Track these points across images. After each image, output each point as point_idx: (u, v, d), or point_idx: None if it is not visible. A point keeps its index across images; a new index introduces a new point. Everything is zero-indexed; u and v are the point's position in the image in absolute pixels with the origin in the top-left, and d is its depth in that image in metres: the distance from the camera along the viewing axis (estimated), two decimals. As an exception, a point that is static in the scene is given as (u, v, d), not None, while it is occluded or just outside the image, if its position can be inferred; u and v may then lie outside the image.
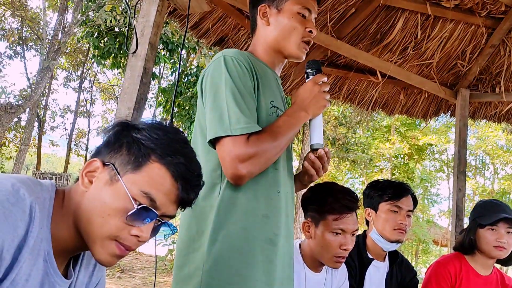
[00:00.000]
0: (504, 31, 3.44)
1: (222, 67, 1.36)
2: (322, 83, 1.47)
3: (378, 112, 4.26)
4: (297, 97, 1.46)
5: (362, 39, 3.52)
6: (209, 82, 1.40)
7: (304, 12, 1.53)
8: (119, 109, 2.14)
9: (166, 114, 12.86)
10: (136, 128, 1.01)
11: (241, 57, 1.40)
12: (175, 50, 11.90)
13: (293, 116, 1.41)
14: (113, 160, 0.98)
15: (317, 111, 1.46)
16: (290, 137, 1.39)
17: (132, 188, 0.95)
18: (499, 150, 23.03)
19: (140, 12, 2.27)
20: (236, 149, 1.28)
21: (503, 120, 4.14)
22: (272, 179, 1.41)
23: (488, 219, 2.23)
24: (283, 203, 1.44)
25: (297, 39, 1.52)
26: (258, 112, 1.39)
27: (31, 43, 17.13)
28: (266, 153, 1.31)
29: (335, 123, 16.06)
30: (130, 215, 0.94)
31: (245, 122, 1.30)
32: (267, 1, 1.57)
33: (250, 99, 1.35)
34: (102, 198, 0.96)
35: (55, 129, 21.69)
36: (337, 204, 1.77)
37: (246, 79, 1.37)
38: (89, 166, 1.00)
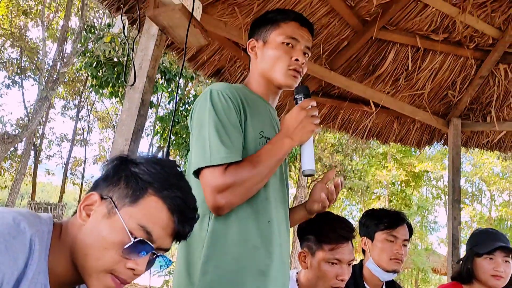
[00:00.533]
0: (492, 63, 3.54)
1: (208, 101, 1.39)
2: (311, 107, 1.44)
3: (372, 140, 4.32)
4: (283, 124, 1.44)
5: (355, 70, 3.61)
6: (195, 116, 1.43)
7: (290, 42, 1.54)
8: (117, 140, 2.18)
9: (163, 143, 12.90)
10: (134, 163, 1.04)
11: (227, 90, 1.42)
12: (173, 79, 12.03)
13: (276, 144, 1.40)
14: (111, 193, 1.01)
15: (304, 137, 1.43)
16: (273, 165, 1.38)
17: (129, 221, 0.97)
18: (495, 177, 23.04)
19: (138, 45, 2.33)
20: (214, 179, 1.29)
21: (496, 149, 4.20)
22: (262, 209, 1.39)
23: (484, 248, 2.24)
24: (276, 233, 1.42)
25: (283, 68, 1.53)
26: (246, 143, 1.40)
27: (30, 73, 17.30)
28: (245, 183, 1.31)
29: (331, 151, 16.11)
30: (126, 248, 0.95)
31: (225, 152, 1.31)
32: (255, 36, 1.62)
33: (234, 131, 1.36)
34: (99, 231, 0.97)
35: (51, 157, 21.66)
36: (333, 234, 1.77)
37: (230, 111, 1.38)
38: (87, 200, 1.02)
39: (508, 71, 3.63)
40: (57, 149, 23.24)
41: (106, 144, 24.14)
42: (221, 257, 1.32)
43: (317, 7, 3.12)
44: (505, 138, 4.12)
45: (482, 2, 3.21)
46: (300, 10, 3.05)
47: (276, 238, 1.42)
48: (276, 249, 1.41)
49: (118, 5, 2.62)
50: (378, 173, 20.23)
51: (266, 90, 1.59)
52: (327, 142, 15.86)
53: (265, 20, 1.62)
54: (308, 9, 3.09)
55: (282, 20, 1.58)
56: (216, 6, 2.85)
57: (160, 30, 2.28)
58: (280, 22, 1.58)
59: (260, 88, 1.59)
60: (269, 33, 1.58)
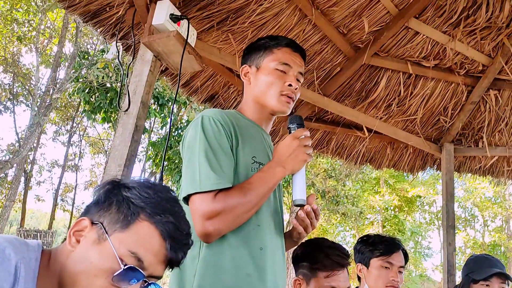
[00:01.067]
0: (483, 89, 3.59)
1: (199, 127, 1.39)
2: (304, 137, 1.44)
3: (366, 166, 4.32)
4: (276, 152, 1.44)
5: (348, 96, 3.65)
6: (186, 143, 1.43)
7: (283, 68, 1.55)
8: (109, 166, 2.15)
9: (156, 168, 12.83)
10: (126, 187, 1.02)
11: (219, 116, 1.41)
12: (166, 104, 12.08)
13: (268, 172, 1.38)
14: (102, 219, 0.98)
15: (296, 166, 1.42)
16: (264, 193, 1.36)
17: (119, 247, 0.94)
18: (488, 202, 23.12)
19: (133, 71, 2.34)
20: (203, 205, 1.27)
21: (488, 174, 4.22)
22: (254, 235, 1.37)
23: (481, 274, 2.23)
24: (269, 261, 1.39)
25: (276, 94, 1.53)
26: (238, 169, 1.39)
27: (22, 98, 17.27)
28: (234, 210, 1.29)
29: (324, 176, 16.10)
30: (116, 275, 0.92)
31: (215, 179, 1.29)
32: (248, 62, 1.64)
33: (224, 157, 1.35)
34: (88, 258, 0.94)
35: (42, 183, 21.39)
36: (328, 261, 1.75)
37: (221, 137, 1.37)
38: (77, 225, 0.99)
39: (498, 97, 3.69)
40: (48, 175, 22.99)
41: (98, 170, 23.94)
42: (213, 286, 1.29)
43: (310, 34, 3.18)
44: (497, 163, 4.15)
45: (472, 30, 3.29)
46: (293, 37, 3.10)
47: (270, 265, 1.39)
48: (269, 277, 1.38)
49: (113, 32, 2.65)
50: (371, 199, 20.22)
51: (260, 116, 1.59)
52: (320, 167, 15.86)
53: (257, 47, 1.63)
54: (301, 36, 3.14)
55: (275, 46, 1.60)
56: (210, 32, 2.88)
57: (154, 56, 2.30)
58: (273, 48, 1.59)
59: (254, 113, 1.58)
60: (262, 59, 1.59)
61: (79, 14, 2.53)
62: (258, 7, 2.84)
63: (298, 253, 1.86)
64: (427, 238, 25.14)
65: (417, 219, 24.94)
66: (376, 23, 3.23)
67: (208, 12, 2.75)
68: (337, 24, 3.19)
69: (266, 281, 1.36)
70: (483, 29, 3.30)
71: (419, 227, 23.51)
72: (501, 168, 4.17)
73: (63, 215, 26.79)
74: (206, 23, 2.82)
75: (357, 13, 3.14)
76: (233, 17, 2.86)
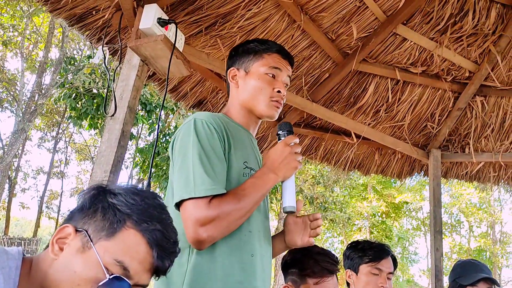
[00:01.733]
0: (469, 95, 3.63)
1: (191, 130, 1.36)
2: (294, 144, 1.44)
3: (354, 172, 4.33)
4: (267, 159, 1.43)
5: (336, 102, 3.65)
6: (178, 145, 1.39)
7: (273, 72, 1.55)
8: (95, 172, 2.11)
9: (143, 175, 12.72)
10: (112, 193, 0.99)
11: (211, 120, 1.39)
12: (153, 111, 12.01)
13: (261, 178, 1.37)
14: (86, 226, 0.95)
15: (288, 173, 1.42)
16: (257, 200, 1.35)
17: (105, 256, 0.91)
18: (473, 208, 23.39)
19: (120, 75, 2.30)
20: (197, 211, 1.24)
21: (474, 180, 4.26)
22: (246, 242, 1.35)
23: (468, 279, 2.24)
24: (259, 268, 1.38)
25: (266, 99, 1.53)
26: (229, 174, 1.37)
27: (7, 104, 17.03)
28: (228, 216, 1.26)
29: (312, 182, 16.13)
30: (101, 285, 0.89)
31: (210, 184, 1.27)
32: (237, 65, 1.62)
33: (218, 162, 1.33)
34: (72, 267, 0.91)
35: (26, 190, 21.07)
36: (317, 267, 1.73)
37: (215, 141, 1.35)
38: (60, 232, 0.96)
39: (484, 103, 3.73)
40: (33, 182, 22.66)
41: (84, 177, 23.68)
42: None
43: (299, 39, 3.17)
44: (483, 169, 4.19)
45: (459, 36, 3.32)
46: (282, 42, 3.09)
47: (260, 272, 1.38)
48: (259, 284, 1.36)
49: (99, 36, 2.61)
50: (359, 205, 20.31)
51: (247, 120, 1.57)
52: (308, 173, 15.90)
53: (246, 50, 1.61)
54: (290, 41, 3.14)
55: (265, 51, 1.59)
56: (198, 37, 2.86)
57: (141, 61, 2.27)
58: (263, 53, 1.59)
59: (241, 117, 1.57)
60: (251, 64, 1.58)
61: (64, 17, 2.50)
62: (246, 12, 2.83)
63: (287, 259, 1.84)
64: (414, 243, 25.34)
65: (404, 225, 25.12)
66: (365, 29, 3.24)
67: (196, 17, 2.73)
68: (326, 30, 3.19)
69: (257, 287, 1.35)
70: (470, 35, 3.33)
71: (406, 232, 23.68)
72: (487, 173, 4.20)
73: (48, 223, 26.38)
74: (194, 28, 2.80)
75: (345, 19, 3.15)
76: (221, 22, 2.85)
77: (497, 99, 3.74)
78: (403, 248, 23.90)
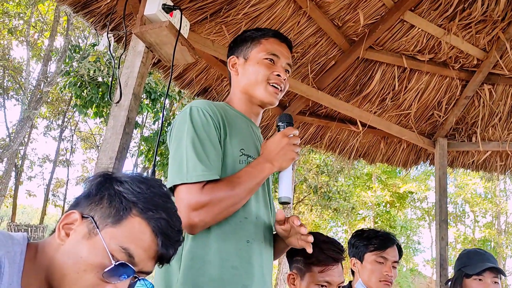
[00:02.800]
0: (477, 83, 3.59)
1: (187, 118, 1.38)
2: (293, 136, 1.45)
3: (359, 160, 4.31)
4: (264, 148, 1.45)
5: (342, 90, 3.62)
6: (174, 133, 1.42)
7: (272, 57, 1.57)
8: (101, 158, 2.11)
9: (148, 163, 12.76)
10: (119, 181, 0.99)
11: (207, 107, 1.41)
12: (158, 99, 11.99)
13: (256, 168, 1.39)
14: (92, 212, 0.96)
15: (284, 164, 1.43)
16: (252, 188, 1.36)
17: (110, 243, 0.92)
18: (478, 198, 23.35)
19: (124, 63, 2.29)
20: (189, 196, 1.27)
21: (481, 169, 4.23)
22: (241, 228, 1.36)
23: (474, 269, 2.23)
24: (256, 254, 1.39)
25: (264, 83, 1.54)
26: (225, 160, 1.38)
27: (12, 92, 17.08)
28: (221, 203, 1.28)
29: (317, 171, 16.12)
30: (106, 271, 0.90)
31: (202, 170, 1.29)
32: (236, 53, 1.64)
33: (212, 148, 1.34)
34: (78, 252, 0.92)
35: (33, 179, 21.21)
36: (322, 256, 1.73)
37: (210, 128, 1.37)
38: (66, 218, 0.96)
39: (492, 92, 3.68)
40: (39, 170, 22.82)
41: (90, 165, 23.79)
42: (198, 278, 1.28)
43: (305, 26, 3.14)
44: (490, 158, 4.16)
45: (467, 23, 3.27)
46: (287, 29, 3.07)
47: (257, 258, 1.39)
48: (256, 269, 1.37)
49: (104, 23, 2.60)
50: (363, 194, 20.31)
51: (248, 107, 1.59)
52: (312, 162, 15.89)
53: (245, 38, 1.64)
54: (295, 28, 3.11)
55: (262, 37, 1.62)
56: (203, 24, 2.84)
57: (146, 48, 2.25)
58: (260, 38, 1.61)
59: (242, 105, 1.59)
60: (250, 50, 1.60)
61: (69, 4, 2.47)
62: (252, -2, 2.80)
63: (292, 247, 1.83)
64: (418, 233, 25.35)
65: (408, 215, 25.13)
66: (371, 16, 3.20)
67: (201, 3, 2.71)
68: (332, 16, 3.16)
69: (253, 274, 1.36)
70: (478, 22, 3.28)
71: (411, 222, 23.69)
72: (494, 163, 4.17)
73: (54, 211, 26.62)
74: (199, 14, 2.77)
75: (352, 5, 3.11)
76: (226, 8, 2.82)
77: (505, 87, 3.69)
78: (407, 238, 23.93)
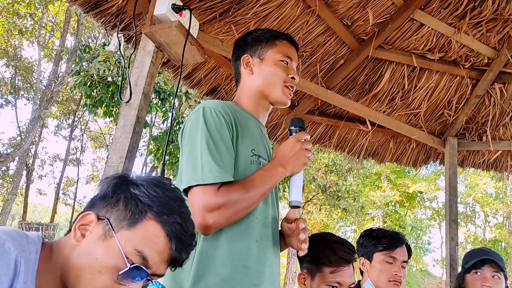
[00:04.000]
0: (488, 82, 3.55)
1: (200, 118, 1.39)
2: (305, 140, 1.47)
3: (368, 160, 4.29)
4: (278, 152, 1.46)
5: (351, 89, 3.61)
6: (187, 133, 1.42)
7: (287, 59, 1.61)
8: (111, 157, 2.13)
9: (157, 162, 12.82)
10: (135, 184, 1.01)
11: (220, 108, 1.42)
12: (167, 99, 12.03)
13: (270, 171, 1.40)
14: (108, 214, 0.97)
15: (297, 168, 1.45)
16: (265, 191, 1.37)
17: (126, 245, 0.93)
18: (489, 198, 23.12)
19: (134, 62, 2.31)
20: (205, 198, 1.27)
21: (491, 169, 4.19)
22: (251, 228, 1.38)
23: (472, 263, 2.26)
24: (265, 253, 1.40)
25: (281, 85, 1.58)
26: (237, 161, 1.39)
27: (23, 92, 17.25)
28: (235, 205, 1.29)
29: (325, 171, 16.08)
30: (121, 274, 0.92)
31: (217, 171, 1.29)
32: (250, 52, 1.65)
33: (225, 150, 1.35)
34: (93, 253, 0.93)
35: (43, 177, 21.41)
36: (333, 256, 1.72)
37: (223, 129, 1.38)
38: (82, 219, 0.98)
39: (503, 91, 3.65)
40: (50, 169, 23.05)
41: (99, 164, 23.96)
42: (210, 278, 1.29)
43: (314, 25, 3.14)
44: (500, 158, 4.12)
45: (478, 22, 3.24)
46: (296, 29, 3.07)
47: (266, 257, 1.40)
48: (266, 268, 1.39)
49: (114, 23, 2.61)
50: (372, 194, 20.22)
51: (257, 107, 1.61)
52: (321, 162, 15.85)
53: (258, 38, 1.66)
54: (304, 27, 3.10)
55: (276, 38, 1.65)
56: (212, 24, 2.85)
57: (156, 47, 2.26)
58: (275, 40, 1.64)
59: (252, 104, 1.60)
60: (265, 51, 1.62)
61: (79, 4, 2.50)
62: (261, -3, 2.80)
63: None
64: (428, 233, 25.18)
65: (418, 215, 24.97)
66: (381, 14, 3.18)
67: (210, 3, 2.71)
68: (341, 15, 3.15)
69: (263, 273, 1.37)
70: (489, 21, 3.25)
71: (420, 222, 23.53)
72: (505, 162, 4.14)
73: (65, 209, 26.85)
74: (208, 14, 2.78)
75: (361, 4, 3.09)
76: (235, 8, 2.83)
77: (516, 86, 3.66)
78: (417, 238, 23.78)
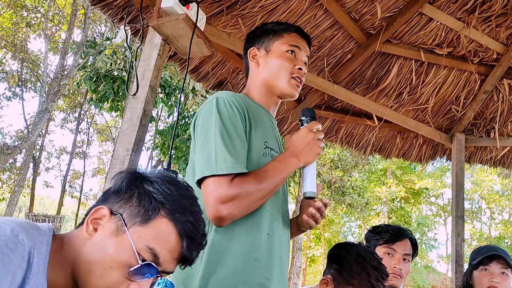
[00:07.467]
0: (496, 78, 3.52)
1: (214, 109, 1.37)
2: (317, 130, 1.46)
3: (374, 155, 4.28)
4: (290, 143, 1.45)
5: (358, 84, 3.59)
6: (200, 123, 1.41)
7: (293, 49, 1.59)
8: (117, 150, 2.13)
9: (163, 156, 12.86)
10: (149, 180, 1.00)
11: (233, 99, 1.41)
12: (173, 93, 12.05)
13: (284, 162, 1.39)
14: (121, 210, 0.97)
15: (310, 159, 1.43)
16: (278, 183, 1.37)
17: (138, 242, 0.93)
18: (495, 195, 23.01)
19: (141, 55, 2.31)
20: (219, 189, 1.26)
21: (499, 165, 4.16)
22: (262, 221, 1.38)
23: (480, 259, 2.26)
24: (276, 246, 1.40)
25: (287, 76, 1.55)
26: (250, 153, 1.38)
27: (30, 85, 17.33)
28: (249, 196, 1.29)
29: (331, 166, 16.06)
30: (132, 270, 0.92)
31: (232, 162, 1.28)
32: (256, 44, 1.64)
33: (239, 141, 1.34)
34: (105, 248, 0.94)
35: (50, 170, 21.57)
36: (366, 284, 1.65)
37: (236, 120, 1.37)
38: (95, 213, 0.98)
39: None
40: (56, 162, 23.19)
41: (106, 157, 24.09)
42: (220, 271, 1.28)
43: (321, 19, 3.12)
44: (508, 154, 4.09)
45: (487, 16, 3.21)
46: (304, 22, 3.05)
47: (277, 251, 1.40)
48: (276, 261, 1.39)
49: (121, 16, 2.61)
50: (378, 190, 20.18)
51: (267, 99, 1.59)
52: (326, 157, 15.82)
53: (266, 30, 1.65)
54: (312, 21, 3.09)
55: (284, 31, 1.63)
56: (219, 17, 2.84)
57: (163, 40, 2.26)
58: (283, 32, 1.62)
59: (261, 97, 1.59)
60: (272, 43, 1.61)
61: (87, -4, 2.50)
62: (268, -9, 2.79)
63: (338, 253, 1.77)
64: (433, 230, 25.13)
65: (423, 211, 24.90)
66: (389, 8, 3.16)
67: (218, -4, 2.71)
68: (349, 9, 3.13)
69: (273, 266, 1.37)
70: (499, 16, 3.21)
71: (426, 218, 23.47)
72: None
73: (71, 202, 27.03)
74: (216, 7, 2.77)
75: (369, -2, 3.07)
76: (243, 1, 2.81)
77: (525, 82, 3.62)
78: (422, 234, 23.74)
